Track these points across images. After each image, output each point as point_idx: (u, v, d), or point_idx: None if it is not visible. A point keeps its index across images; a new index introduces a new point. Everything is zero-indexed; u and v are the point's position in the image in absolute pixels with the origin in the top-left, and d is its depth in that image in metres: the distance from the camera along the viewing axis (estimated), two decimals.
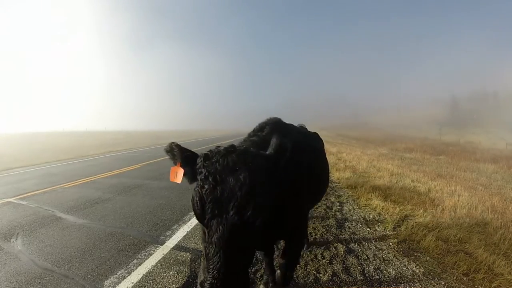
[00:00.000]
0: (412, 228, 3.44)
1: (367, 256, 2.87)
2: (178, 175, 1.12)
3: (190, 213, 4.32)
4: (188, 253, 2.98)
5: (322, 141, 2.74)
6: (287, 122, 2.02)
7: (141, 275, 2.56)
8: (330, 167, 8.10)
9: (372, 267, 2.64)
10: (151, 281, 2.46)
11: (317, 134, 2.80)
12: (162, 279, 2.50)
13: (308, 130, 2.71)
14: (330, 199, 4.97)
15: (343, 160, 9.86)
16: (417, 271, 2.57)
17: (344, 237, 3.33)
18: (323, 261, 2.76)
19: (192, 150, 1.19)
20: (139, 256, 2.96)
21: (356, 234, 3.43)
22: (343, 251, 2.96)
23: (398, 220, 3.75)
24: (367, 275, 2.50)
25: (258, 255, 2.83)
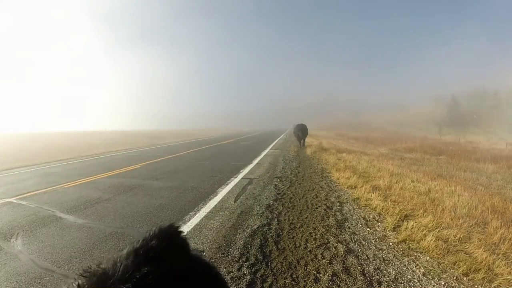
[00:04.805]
0: (412, 228, 3.44)
1: (367, 256, 2.87)
2: None
3: (190, 213, 4.32)
4: None
5: None
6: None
7: None
8: (330, 167, 8.14)
9: (372, 267, 2.64)
10: None
11: None
12: None
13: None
14: (330, 199, 4.97)
15: (343, 160, 9.85)
16: (417, 271, 2.57)
17: (344, 237, 3.33)
18: (323, 261, 2.76)
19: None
20: None
21: (356, 234, 3.43)
22: (343, 251, 2.95)
23: (398, 220, 3.75)
24: (367, 275, 2.50)
25: (258, 256, 2.83)
